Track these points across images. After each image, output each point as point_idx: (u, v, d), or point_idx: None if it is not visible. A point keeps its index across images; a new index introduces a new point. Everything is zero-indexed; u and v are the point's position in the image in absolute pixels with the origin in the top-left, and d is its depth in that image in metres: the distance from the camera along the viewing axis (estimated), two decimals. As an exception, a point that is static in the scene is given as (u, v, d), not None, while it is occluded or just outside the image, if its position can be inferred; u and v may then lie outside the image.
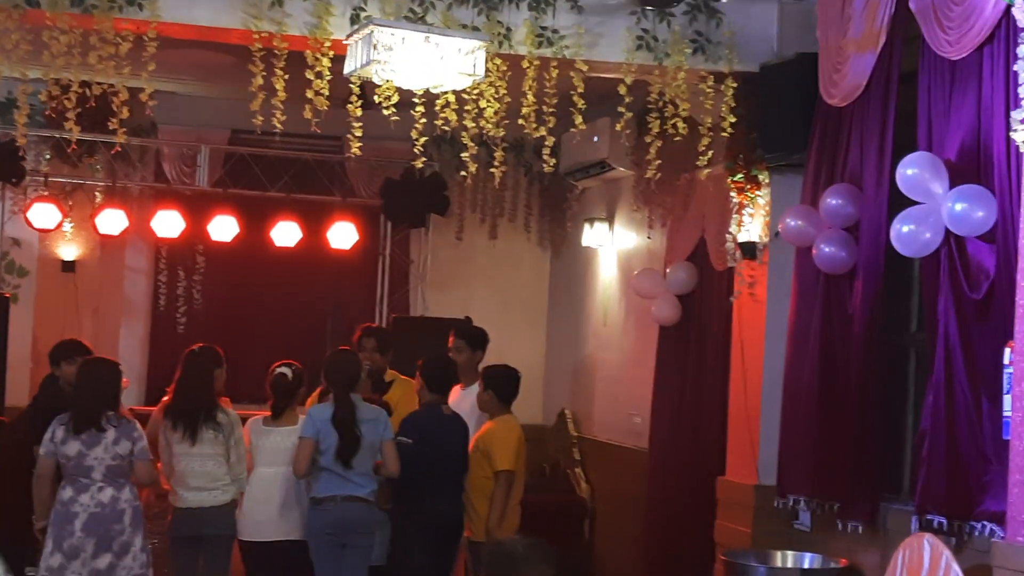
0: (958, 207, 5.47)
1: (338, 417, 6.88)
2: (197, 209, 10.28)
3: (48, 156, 10.08)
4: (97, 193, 10.36)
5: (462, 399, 7.71)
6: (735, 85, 7.10)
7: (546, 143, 6.93)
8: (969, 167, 5.61)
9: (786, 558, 6.88)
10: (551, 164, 7.08)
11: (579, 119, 6.88)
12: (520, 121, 6.90)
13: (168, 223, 10.15)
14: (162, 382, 9.69)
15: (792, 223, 6.81)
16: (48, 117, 8.38)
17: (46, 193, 9.92)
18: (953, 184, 5.57)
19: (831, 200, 6.55)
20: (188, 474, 7.03)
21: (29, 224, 9.91)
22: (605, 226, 10.33)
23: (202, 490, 7.04)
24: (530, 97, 6.83)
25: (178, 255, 10.87)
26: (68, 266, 10.69)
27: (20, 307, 10.00)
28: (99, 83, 6.76)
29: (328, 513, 6.87)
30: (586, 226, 10.44)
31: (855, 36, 6.46)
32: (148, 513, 7.10)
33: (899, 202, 5.93)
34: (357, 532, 6.93)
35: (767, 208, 7.36)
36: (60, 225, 10.08)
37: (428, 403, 7.33)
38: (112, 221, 10.05)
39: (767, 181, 7.34)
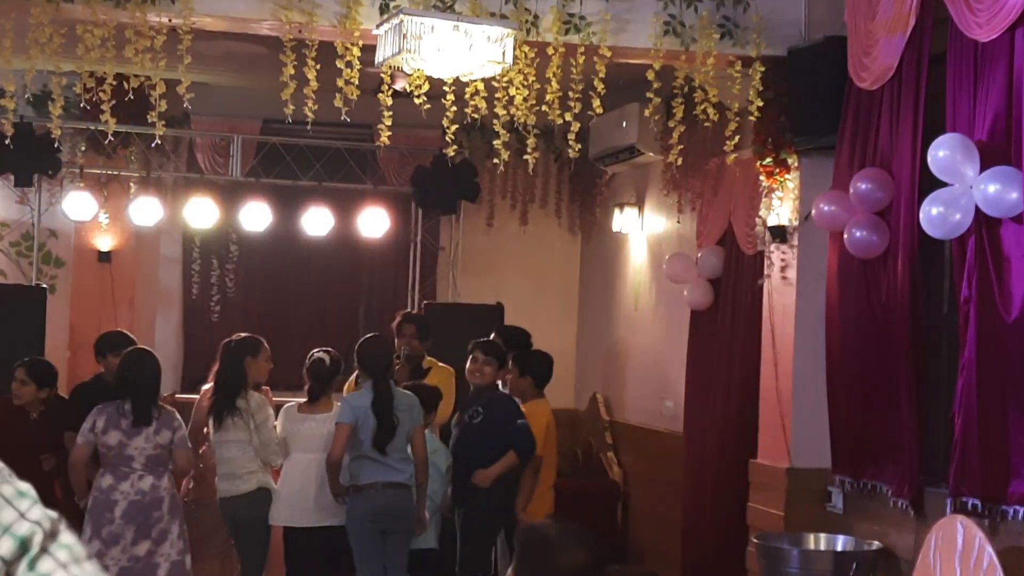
0: (991, 189, 5.47)
1: (377, 403, 6.91)
2: (230, 198, 10.36)
3: (83, 148, 10.16)
4: (132, 184, 10.43)
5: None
6: (763, 69, 7.10)
7: (572, 129, 6.95)
8: (1000, 148, 5.60)
9: (819, 540, 6.89)
10: (576, 150, 7.09)
11: (596, 102, 6.87)
12: (544, 108, 6.92)
13: (201, 213, 10.22)
14: (197, 371, 9.83)
15: (824, 208, 6.81)
16: (83, 109, 8.44)
17: (81, 184, 10.02)
18: (984, 166, 5.56)
19: (861, 184, 6.55)
20: (219, 462, 7.18)
21: (65, 215, 10.02)
22: (635, 211, 10.33)
23: (228, 478, 7.15)
24: (554, 84, 6.85)
25: (212, 244, 10.96)
26: (104, 256, 10.77)
27: (57, 297, 10.10)
28: (135, 75, 6.82)
29: (369, 500, 6.88)
30: (616, 211, 10.45)
31: (884, 18, 6.44)
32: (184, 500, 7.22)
33: (932, 185, 5.93)
34: (398, 518, 6.94)
35: (796, 192, 7.36)
36: (96, 216, 10.18)
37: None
38: (146, 211, 10.13)
39: (796, 165, 7.34)
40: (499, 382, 7.46)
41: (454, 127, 6.85)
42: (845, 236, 6.65)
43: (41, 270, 10.15)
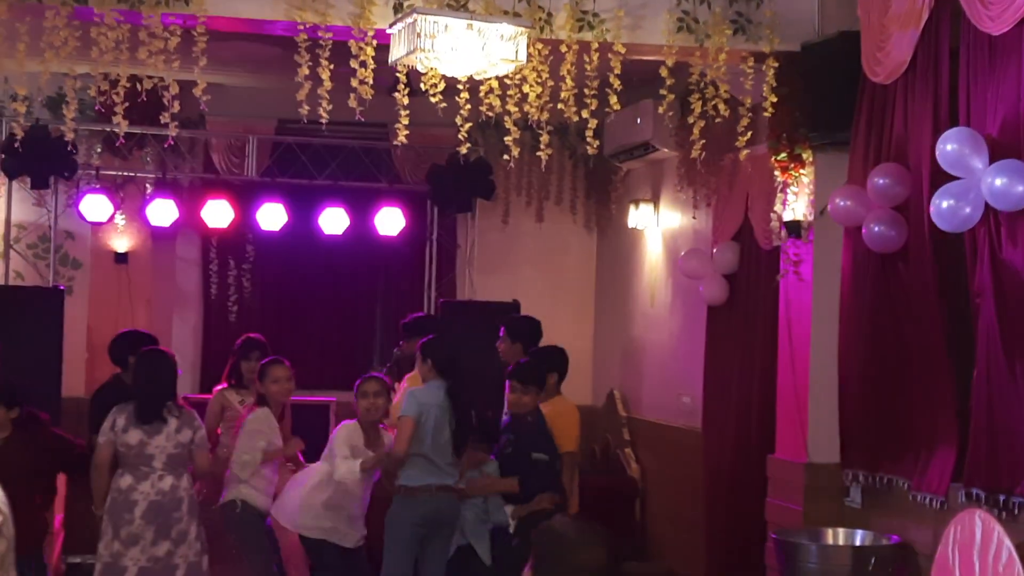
0: (998, 182, 5.45)
1: (459, 405, 6.79)
2: (246, 198, 10.37)
3: (99, 149, 10.20)
4: (148, 185, 10.47)
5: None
6: (776, 65, 7.09)
7: (589, 126, 6.95)
8: (1010, 142, 5.59)
9: (837, 535, 6.88)
10: (595, 146, 7.09)
11: (613, 99, 6.87)
12: (560, 106, 6.92)
13: (218, 213, 10.24)
14: (215, 371, 9.85)
15: (840, 203, 6.80)
16: (98, 111, 8.47)
17: (98, 186, 10.05)
18: (993, 159, 5.55)
19: (879, 179, 6.53)
20: None
21: (82, 217, 10.05)
22: (650, 207, 10.32)
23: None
24: (568, 81, 6.85)
25: (228, 245, 10.98)
26: (121, 258, 10.82)
27: (75, 299, 10.14)
28: (149, 77, 6.83)
29: (422, 504, 6.76)
30: (631, 207, 10.44)
31: (897, 13, 6.43)
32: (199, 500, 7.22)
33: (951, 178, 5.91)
34: (445, 523, 6.84)
35: (811, 187, 7.35)
36: (112, 217, 10.21)
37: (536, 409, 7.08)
38: (163, 212, 10.15)
39: (811, 160, 7.33)
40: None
41: (467, 125, 6.85)
42: (863, 231, 6.63)
43: (58, 272, 10.18)
